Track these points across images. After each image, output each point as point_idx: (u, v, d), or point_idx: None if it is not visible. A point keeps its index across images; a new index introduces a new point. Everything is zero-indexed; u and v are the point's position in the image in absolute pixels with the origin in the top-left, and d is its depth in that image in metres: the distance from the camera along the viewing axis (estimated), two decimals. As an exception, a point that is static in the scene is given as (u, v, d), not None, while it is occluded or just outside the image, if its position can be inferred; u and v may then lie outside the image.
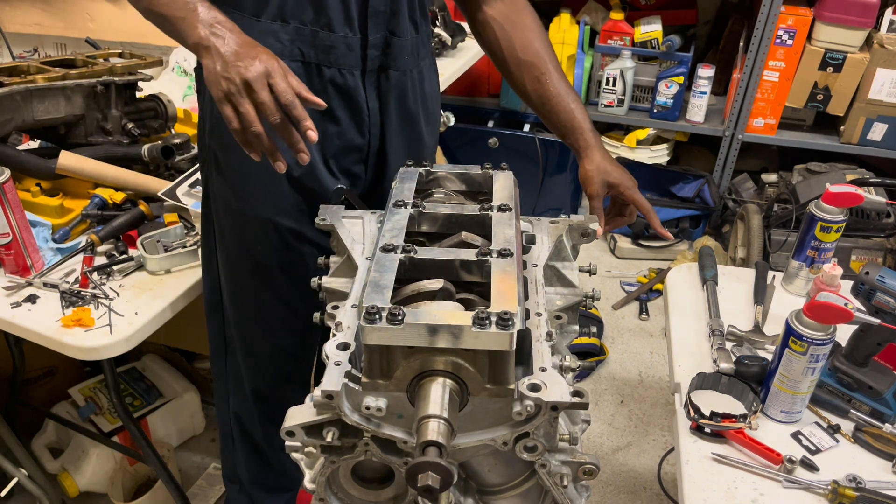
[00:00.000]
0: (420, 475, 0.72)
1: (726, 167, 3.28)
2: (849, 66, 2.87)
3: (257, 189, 1.28)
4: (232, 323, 1.46)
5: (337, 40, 1.18)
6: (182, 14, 1.05)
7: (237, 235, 1.34)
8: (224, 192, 1.31)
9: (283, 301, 1.40)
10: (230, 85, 1.00)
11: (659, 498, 2.13)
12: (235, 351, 1.49)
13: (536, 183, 3.31)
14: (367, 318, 0.75)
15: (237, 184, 1.29)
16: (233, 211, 1.32)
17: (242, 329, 1.45)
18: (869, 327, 1.21)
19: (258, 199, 1.29)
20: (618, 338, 2.80)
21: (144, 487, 2.00)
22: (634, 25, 3.22)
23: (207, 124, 1.29)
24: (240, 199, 1.30)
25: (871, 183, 2.68)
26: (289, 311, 1.42)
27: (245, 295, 1.41)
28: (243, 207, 1.30)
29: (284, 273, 1.36)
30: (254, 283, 1.38)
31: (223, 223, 1.35)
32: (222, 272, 1.41)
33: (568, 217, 1.12)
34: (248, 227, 1.32)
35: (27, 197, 1.58)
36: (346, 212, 1.12)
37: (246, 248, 1.34)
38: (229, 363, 1.52)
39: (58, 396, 2.10)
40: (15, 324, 1.35)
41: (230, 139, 1.25)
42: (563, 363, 0.87)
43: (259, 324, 1.44)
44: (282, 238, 1.32)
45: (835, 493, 1.09)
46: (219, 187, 1.32)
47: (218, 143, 1.28)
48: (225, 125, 1.23)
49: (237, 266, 1.37)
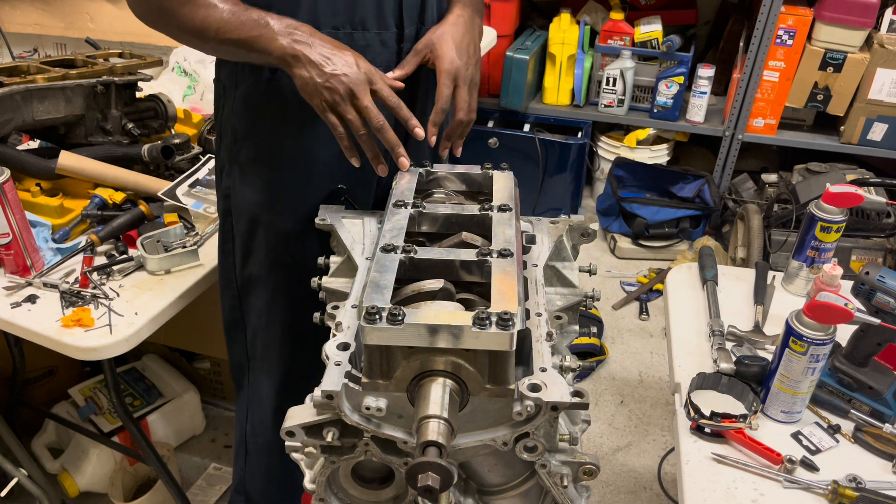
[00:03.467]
0: (420, 475, 0.72)
1: (726, 167, 3.28)
2: (849, 66, 2.87)
3: (293, 200, 1.25)
4: (256, 341, 1.42)
5: (372, 38, 1.17)
6: (257, 32, 1.05)
7: (269, 251, 1.30)
8: (252, 206, 1.28)
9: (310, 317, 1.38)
10: (334, 95, 1.02)
11: (659, 498, 2.13)
12: (258, 368, 1.45)
13: (536, 183, 3.31)
14: (367, 319, 0.75)
15: (269, 197, 1.26)
16: (264, 225, 1.28)
17: (267, 348, 1.41)
18: (869, 327, 1.21)
19: (291, 210, 1.26)
20: (618, 338, 2.80)
21: (144, 487, 2.00)
22: (634, 25, 3.23)
23: (229, 139, 1.26)
24: (272, 213, 1.27)
25: (871, 183, 2.68)
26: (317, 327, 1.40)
27: (271, 313, 1.37)
28: (274, 221, 1.27)
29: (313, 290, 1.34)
30: (284, 301, 1.34)
31: (248, 240, 1.31)
32: (243, 290, 1.37)
33: (568, 217, 1.12)
34: (280, 240, 1.29)
35: (27, 197, 1.58)
36: (346, 212, 1.12)
37: (274, 263, 1.31)
38: (251, 380, 1.48)
39: (58, 396, 2.10)
40: (15, 324, 1.34)
41: (264, 148, 1.24)
42: (563, 363, 0.87)
43: (287, 342, 1.40)
44: (312, 250, 1.27)
45: (835, 494, 1.09)
46: (244, 201, 1.28)
47: (248, 157, 1.25)
48: (253, 139, 1.24)
49: (264, 282, 1.34)
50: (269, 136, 1.22)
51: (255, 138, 1.23)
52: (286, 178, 1.24)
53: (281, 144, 1.22)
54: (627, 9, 3.30)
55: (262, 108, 1.20)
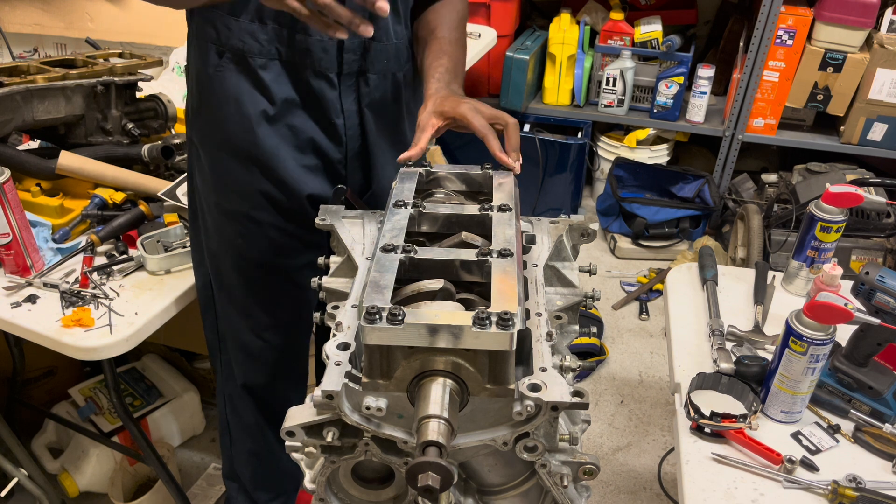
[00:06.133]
0: (420, 475, 0.72)
1: (726, 167, 3.28)
2: (849, 66, 2.87)
3: (232, 182, 1.29)
4: (222, 318, 1.47)
5: (313, 43, 1.18)
6: None
7: (219, 230, 1.36)
8: (205, 186, 1.33)
9: (266, 295, 1.41)
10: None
11: (659, 498, 2.13)
12: (227, 348, 1.50)
13: (536, 183, 3.31)
14: (367, 318, 0.75)
15: (214, 178, 1.31)
16: (213, 205, 1.33)
17: (231, 324, 1.46)
18: (869, 327, 1.21)
19: (234, 193, 1.30)
20: (618, 338, 2.80)
21: (144, 487, 2.00)
22: (634, 25, 3.23)
23: (190, 115, 1.31)
24: (218, 193, 1.32)
25: (871, 183, 2.68)
26: (273, 304, 1.43)
27: (230, 290, 1.41)
28: (221, 201, 1.32)
29: (266, 267, 1.37)
30: (237, 277, 1.39)
31: (206, 218, 1.37)
32: (210, 267, 1.42)
33: (568, 217, 1.12)
34: (228, 222, 1.33)
35: (27, 197, 1.58)
36: (346, 212, 1.12)
37: (228, 243, 1.36)
38: (223, 360, 1.53)
39: (58, 396, 2.10)
40: (15, 324, 1.35)
41: (207, 131, 1.28)
42: (563, 363, 0.87)
43: (245, 318, 1.44)
44: (261, 231, 1.33)
45: (835, 493, 1.09)
46: (201, 182, 1.34)
47: (198, 137, 1.30)
48: (200, 119, 1.27)
49: (222, 260, 1.39)
50: (213, 119, 1.26)
51: (202, 119, 1.28)
52: (229, 158, 1.27)
53: (223, 128, 1.25)
54: (627, 9, 3.30)
55: (209, 89, 1.23)
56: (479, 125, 1.10)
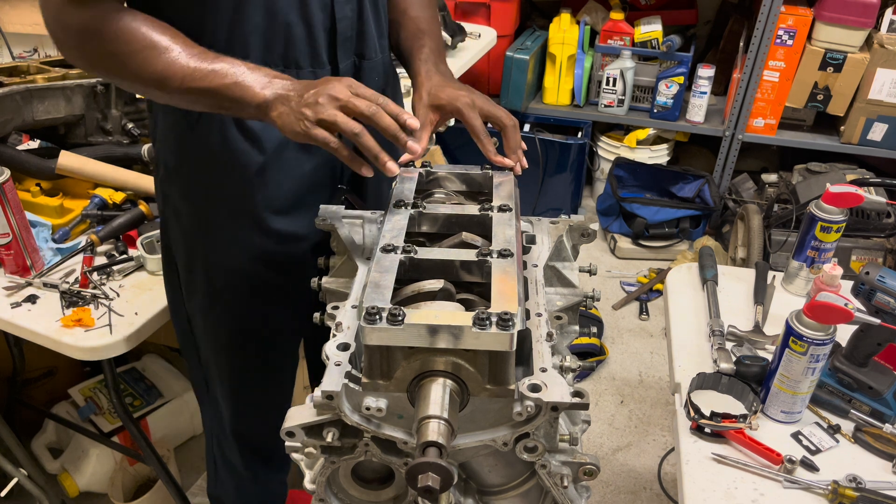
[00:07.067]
0: (420, 476, 0.72)
1: (726, 167, 3.28)
2: (849, 66, 2.87)
3: (223, 236, 1.20)
4: (208, 369, 1.38)
5: (306, 75, 1.10)
6: (231, 80, 0.95)
7: (206, 284, 1.25)
8: (188, 240, 1.22)
9: (259, 353, 1.34)
10: (314, 107, 0.92)
11: (659, 498, 2.13)
12: (216, 396, 1.41)
13: (536, 183, 3.31)
14: (367, 319, 0.75)
15: (202, 232, 1.20)
16: (200, 257, 1.23)
17: (218, 378, 1.38)
18: (869, 327, 1.21)
19: (225, 246, 1.20)
20: (618, 338, 2.80)
21: (144, 487, 2.00)
22: (634, 25, 3.22)
23: (162, 172, 1.20)
24: (207, 248, 1.21)
25: (871, 183, 2.68)
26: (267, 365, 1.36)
27: (219, 342, 1.33)
28: (210, 255, 1.22)
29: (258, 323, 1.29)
30: (228, 333, 1.30)
31: (188, 272, 1.26)
32: (193, 320, 1.32)
33: (568, 217, 1.12)
34: (217, 276, 1.23)
35: (27, 197, 1.58)
36: (346, 212, 1.12)
37: (215, 298, 1.26)
38: (210, 401, 1.45)
39: (58, 396, 2.10)
40: (15, 324, 1.34)
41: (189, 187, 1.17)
42: (563, 363, 0.87)
43: (235, 379, 1.36)
44: (252, 287, 1.24)
45: (835, 494, 1.09)
46: (182, 236, 1.23)
47: (178, 192, 1.19)
48: (183, 171, 1.16)
49: (209, 315, 1.29)
50: (196, 175, 1.15)
51: (183, 176, 1.17)
52: (219, 212, 1.17)
53: (209, 184, 1.15)
54: (627, 9, 3.30)
55: (190, 143, 1.12)
56: (475, 126, 1.08)
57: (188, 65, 0.95)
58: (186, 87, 0.95)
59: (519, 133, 1.11)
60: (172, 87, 0.96)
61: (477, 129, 1.08)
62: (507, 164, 1.09)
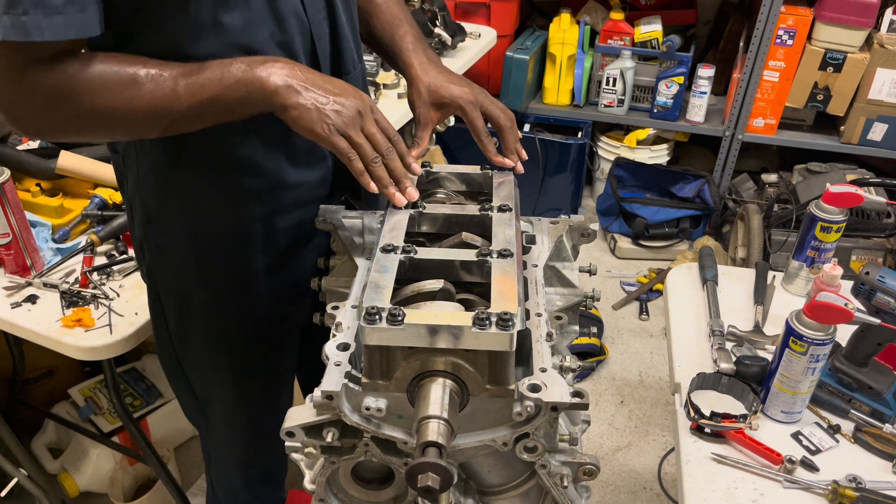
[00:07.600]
0: (420, 476, 0.72)
1: (726, 167, 3.28)
2: (849, 66, 2.87)
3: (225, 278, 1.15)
4: (206, 403, 1.33)
5: None
6: (232, 79, 0.90)
7: (203, 330, 1.20)
8: (182, 279, 1.16)
9: (258, 388, 1.30)
10: (342, 117, 0.91)
11: (659, 498, 2.13)
12: (212, 427, 1.38)
13: (536, 183, 3.31)
14: (367, 319, 0.75)
15: (195, 270, 1.14)
16: (192, 293, 1.17)
17: (215, 409, 1.33)
18: (869, 327, 1.21)
19: (227, 290, 1.16)
20: (618, 338, 2.80)
21: (144, 487, 2.00)
22: (634, 25, 3.22)
23: (140, 216, 1.12)
24: (204, 283, 1.15)
25: (871, 183, 2.68)
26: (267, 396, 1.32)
27: (215, 385, 1.29)
28: (205, 298, 1.16)
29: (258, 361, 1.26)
30: (226, 376, 1.26)
31: (180, 319, 1.21)
32: (184, 362, 1.28)
33: (568, 217, 1.12)
34: (219, 321, 1.18)
35: (27, 197, 1.58)
36: (346, 212, 1.12)
37: (214, 343, 1.21)
38: (208, 427, 1.40)
39: (58, 396, 2.10)
40: (15, 324, 1.35)
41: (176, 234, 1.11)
42: (563, 363, 0.87)
43: (236, 412, 1.32)
44: (255, 320, 1.20)
45: (835, 494, 1.09)
46: (171, 276, 1.17)
47: (164, 235, 1.13)
48: (166, 219, 1.10)
49: (205, 361, 1.25)
50: (186, 216, 1.10)
51: (169, 219, 1.10)
52: (211, 251, 1.12)
53: (202, 223, 1.10)
54: (627, 9, 3.30)
55: (174, 183, 1.06)
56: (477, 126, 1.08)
57: (177, 85, 0.89)
58: (185, 108, 0.90)
59: (516, 132, 1.12)
60: (169, 114, 0.90)
61: (479, 129, 1.09)
62: (508, 164, 1.10)
